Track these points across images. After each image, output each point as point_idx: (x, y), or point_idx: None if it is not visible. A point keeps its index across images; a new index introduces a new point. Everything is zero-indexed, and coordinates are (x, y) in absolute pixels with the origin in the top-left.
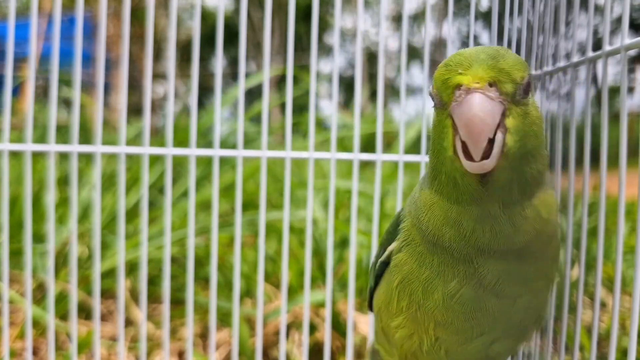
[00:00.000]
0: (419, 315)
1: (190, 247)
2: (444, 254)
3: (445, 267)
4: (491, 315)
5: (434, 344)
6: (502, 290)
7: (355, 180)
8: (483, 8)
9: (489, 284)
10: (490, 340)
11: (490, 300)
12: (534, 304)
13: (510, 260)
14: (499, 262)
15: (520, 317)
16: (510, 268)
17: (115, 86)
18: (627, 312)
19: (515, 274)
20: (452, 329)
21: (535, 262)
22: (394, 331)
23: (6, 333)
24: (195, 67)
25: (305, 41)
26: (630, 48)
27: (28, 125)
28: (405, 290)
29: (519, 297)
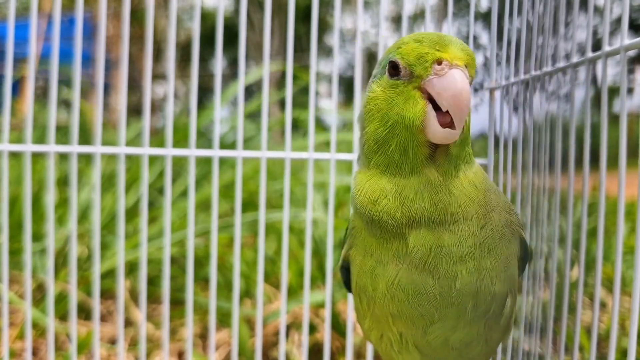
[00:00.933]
0: (377, 311)
1: (190, 248)
2: (379, 231)
3: (382, 249)
4: (434, 299)
5: (401, 341)
6: (435, 267)
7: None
8: (482, 9)
9: (421, 261)
10: (448, 329)
11: (427, 282)
12: (484, 285)
13: (442, 235)
14: (430, 237)
15: (471, 301)
16: (441, 242)
17: (115, 87)
18: (626, 313)
19: (447, 249)
20: (405, 319)
21: (471, 237)
22: (369, 334)
23: (6, 333)
24: (195, 68)
25: (305, 42)
26: (630, 49)
27: (28, 125)
28: (361, 287)
29: (458, 278)
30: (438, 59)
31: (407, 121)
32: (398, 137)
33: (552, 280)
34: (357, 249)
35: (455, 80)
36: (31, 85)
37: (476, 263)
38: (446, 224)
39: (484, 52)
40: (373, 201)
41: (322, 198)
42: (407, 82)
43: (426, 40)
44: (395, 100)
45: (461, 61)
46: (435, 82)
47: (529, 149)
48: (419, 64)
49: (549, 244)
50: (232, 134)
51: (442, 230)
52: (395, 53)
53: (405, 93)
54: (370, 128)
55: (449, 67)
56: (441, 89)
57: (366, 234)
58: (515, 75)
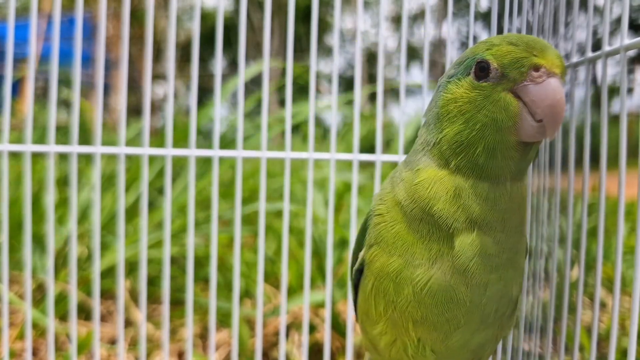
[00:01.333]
0: (396, 317)
1: (189, 248)
2: (426, 229)
3: (418, 248)
4: (463, 306)
5: (418, 346)
6: (472, 274)
7: (355, 180)
8: (482, 8)
9: (462, 265)
10: (469, 333)
11: (460, 289)
12: (505, 292)
13: (489, 240)
14: (479, 240)
15: (494, 305)
16: (486, 249)
17: (115, 87)
18: (626, 313)
19: (488, 258)
20: (428, 325)
21: (509, 249)
22: (378, 339)
23: (6, 334)
24: (194, 68)
25: (305, 42)
26: (630, 48)
27: (28, 125)
28: (379, 291)
29: (489, 286)
30: (536, 65)
31: (499, 122)
32: (486, 140)
33: (552, 280)
34: (380, 248)
35: (554, 91)
36: (31, 85)
37: (503, 272)
38: (495, 231)
39: None
40: (437, 198)
41: (322, 197)
42: (496, 84)
43: (521, 44)
44: (483, 103)
45: (558, 69)
46: (531, 89)
47: None
48: (514, 67)
49: (549, 244)
50: (230, 133)
51: (488, 238)
52: (485, 54)
53: (494, 95)
54: (450, 130)
55: (547, 75)
56: (537, 97)
57: (404, 230)
58: None
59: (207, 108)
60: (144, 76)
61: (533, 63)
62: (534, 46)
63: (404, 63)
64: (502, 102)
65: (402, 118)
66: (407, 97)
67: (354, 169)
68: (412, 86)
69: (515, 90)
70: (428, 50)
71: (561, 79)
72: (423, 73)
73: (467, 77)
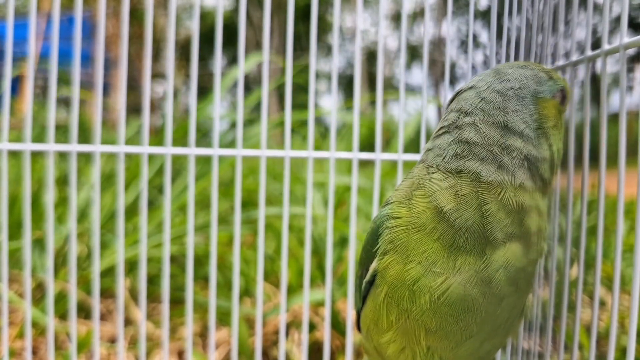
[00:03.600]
0: (409, 325)
1: (189, 247)
2: (460, 240)
3: (441, 257)
4: (479, 316)
5: (427, 354)
6: (495, 287)
7: (355, 179)
8: (482, 7)
9: (487, 278)
10: (480, 341)
11: (478, 299)
12: (518, 303)
13: (517, 253)
14: (510, 253)
15: (506, 315)
16: (513, 262)
17: (115, 86)
18: (626, 311)
19: (512, 270)
20: (441, 333)
21: (533, 262)
22: (385, 347)
23: (5, 333)
24: (194, 67)
25: (305, 40)
26: (629, 47)
27: (27, 124)
28: (393, 300)
29: (506, 297)
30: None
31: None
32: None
33: (552, 279)
34: (397, 254)
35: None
36: (30, 84)
37: (521, 284)
38: (522, 245)
39: (483, 50)
40: (494, 211)
41: (322, 196)
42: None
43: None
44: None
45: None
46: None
47: None
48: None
49: (549, 242)
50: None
51: (520, 251)
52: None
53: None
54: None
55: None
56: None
57: (429, 237)
58: None
59: (205, 104)
60: (144, 75)
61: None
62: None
63: (403, 62)
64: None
65: (401, 117)
66: (407, 97)
67: (353, 168)
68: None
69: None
70: (428, 49)
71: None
72: (423, 72)
73: (553, 98)
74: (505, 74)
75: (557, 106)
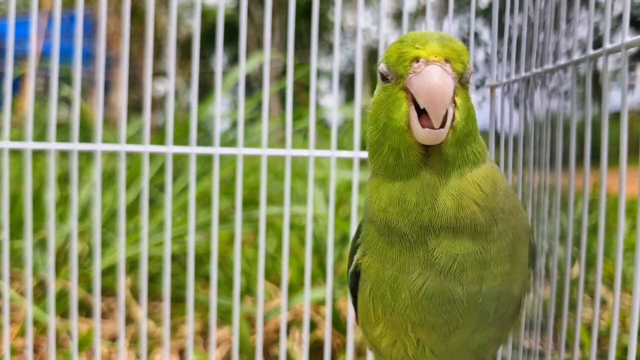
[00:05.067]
0: (395, 319)
1: (190, 245)
2: (398, 241)
3: (405, 258)
4: (461, 306)
5: (417, 347)
6: (462, 275)
7: (356, 178)
8: (483, 5)
9: (445, 269)
10: (469, 333)
11: (455, 289)
12: (505, 288)
13: (464, 241)
14: (452, 243)
15: (494, 304)
16: (464, 249)
17: (116, 84)
18: (627, 310)
19: (472, 256)
20: (427, 327)
21: (493, 242)
22: (379, 341)
23: (7, 331)
24: (195, 65)
25: (306, 39)
26: (631, 46)
27: (28, 123)
28: (377, 296)
29: (484, 283)
30: (416, 56)
31: (394, 123)
32: (389, 140)
33: (553, 278)
34: (372, 257)
35: (430, 77)
36: (32, 83)
37: (499, 267)
38: (461, 230)
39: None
40: (383, 209)
41: (323, 195)
42: (394, 84)
43: (408, 40)
44: (384, 103)
45: (439, 56)
46: (412, 80)
47: (529, 146)
48: (399, 63)
49: (550, 241)
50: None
51: (460, 237)
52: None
53: (392, 95)
54: (368, 133)
55: (425, 64)
56: (417, 86)
57: (384, 244)
58: (516, 72)
59: (206, 104)
60: (145, 73)
61: (414, 55)
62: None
63: None
64: (397, 101)
65: None
66: None
67: (354, 167)
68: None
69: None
70: None
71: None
72: None
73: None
74: None
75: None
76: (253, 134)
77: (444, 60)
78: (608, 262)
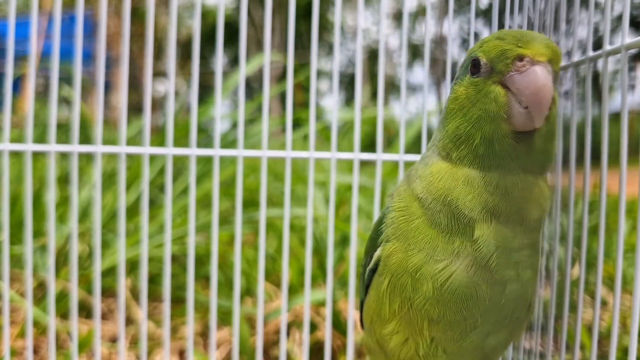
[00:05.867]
0: (412, 315)
1: (190, 246)
2: (445, 221)
3: (440, 241)
4: (482, 304)
5: (430, 346)
6: (494, 269)
7: (356, 179)
8: (484, 5)
9: (483, 258)
10: (484, 334)
11: (481, 286)
12: (522, 293)
13: (509, 231)
14: (498, 230)
15: (512, 306)
16: (506, 241)
17: (116, 85)
18: (627, 311)
19: (509, 250)
20: (444, 323)
21: (529, 244)
22: (388, 339)
23: (7, 332)
24: (195, 66)
25: (306, 39)
26: (631, 48)
27: (28, 125)
28: (396, 288)
29: (508, 283)
30: (520, 55)
31: (492, 113)
32: (482, 131)
33: (553, 278)
34: (399, 242)
35: (537, 77)
36: (32, 84)
37: (522, 271)
38: (513, 224)
39: None
40: (451, 188)
41: (323, 196)
42: (487, 78)
43: (508, 37)
44: (477, 97)
45: (544, 57)
46: (516, 79)
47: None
48: (500, 60)
49: (550, 242)
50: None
51: (507, 229)
52: (477, 51)
53: (486, 87)
54: (452, 125)
55: (530, 64)
56: (522, 85)
57: (424, 224)
58: None
59: (207, 105)
60: (145, 74)
61: (517, 54)
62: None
63: (404, 60)
64: (492, 93)
65: (402, 116)
66: (408, 95)
67: (354, 169)
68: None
69: (504, 82)
70: (429, 48)
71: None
72: (424, 70)
73: (465, 76)
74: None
75: (468, 80)
76: (253, 135)
77: (547, 61)
78: (608, 263)
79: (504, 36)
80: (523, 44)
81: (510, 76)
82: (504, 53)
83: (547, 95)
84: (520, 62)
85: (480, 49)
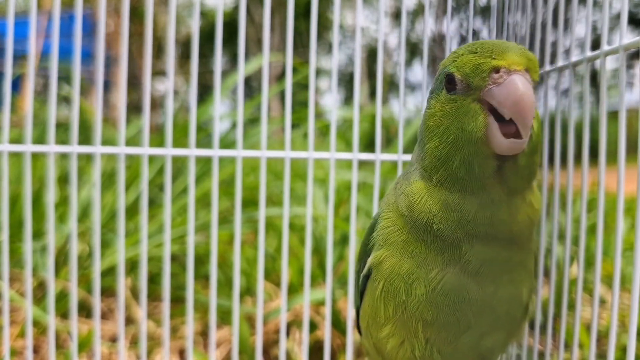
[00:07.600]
0: (406, 318)
1: (190, 245)
2: (431, 239)
3: (429, 254)
4: (475, 306)
5: (426, 348)
6: (484, 276)
7: (355, 179)
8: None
9: (473, 269)
10: (478, 335)
11: (472, 289)
12: (516, 294)
13: (497, 247)
14: (486, 247)
15: (505, 308)
16: (495, 255)
17: (115, 84)
18: (626, 309)
19: (499, 261)
20: (438, 325)
21: (519, 251)
22: (384, 342)
23: (7, 332)
24: (194, 65)
25: (305, 38)
26: (629, 48)
27: (27, 125)
28: (389, 292)
29: (500, 287)
30: (495, 66)
31: (469, 135)
32: (462, 152)
33: (552, 277)
34: (391, 250)
35: (516, 87)
36: (31, 83)
37: (515, 274)
38: (501, 241)
39: None
40: (433, 213)
41: (323, 195)
42: (465, 95)
43: (481, 50)
44: (454, 115)
45: (520, 66)
46: (494, 92)
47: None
48: (475, 75)
49: (549, 240)
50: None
51: (496, 245)
52: (450, 66)
53: (464, 107)
54: (430, 145)
55: (507, 74)
56: (501, 97)
57: (411, 238)
58: None
59: (207, 104)
60: (144, 73)
61: (492, 66)
62: (494, 50)
63: (403, 59)
64: (471, 112)
65: (401, 115)
66: (407, 93)
67: (353, 169)
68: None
69: (483, 97)
70: (428, 46)
71: (527, 74)
72: (423, 69)
73: (442, 91)
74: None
75: (444, 97)
76: (253, 134)
77: (524, 70)
78: (607, 261)
79: (476, 49)
80: (497, 55)
81: (489, 90)
82: (478, 67)
83: (530, 103)
84: (497, 74)
85: (454, 64)
